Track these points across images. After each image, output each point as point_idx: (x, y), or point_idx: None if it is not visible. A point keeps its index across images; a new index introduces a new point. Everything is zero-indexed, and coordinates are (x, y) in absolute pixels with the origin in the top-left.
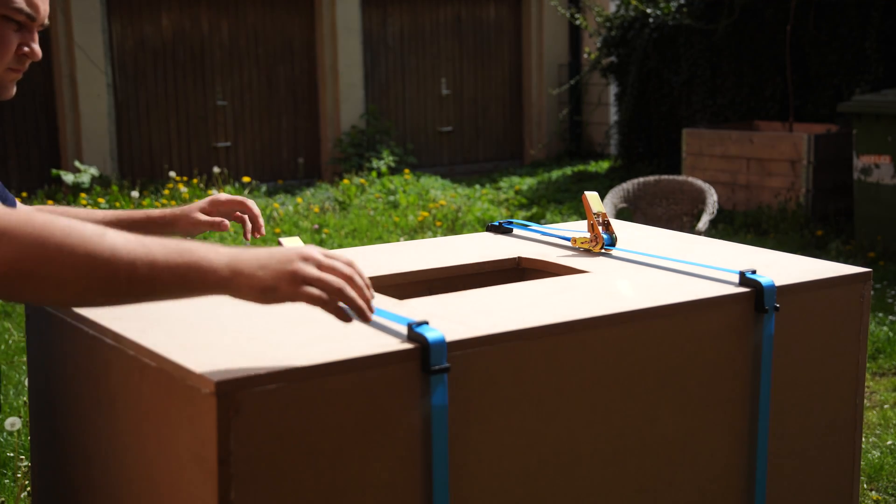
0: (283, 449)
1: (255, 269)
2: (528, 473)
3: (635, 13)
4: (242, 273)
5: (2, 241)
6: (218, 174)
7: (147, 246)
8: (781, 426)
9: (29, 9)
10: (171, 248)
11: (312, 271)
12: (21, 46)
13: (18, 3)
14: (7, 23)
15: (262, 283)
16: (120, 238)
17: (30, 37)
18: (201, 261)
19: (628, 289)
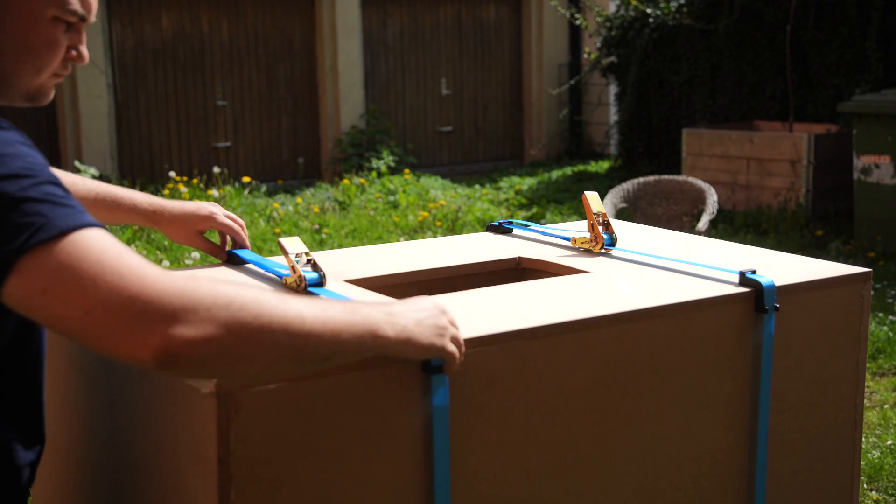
0: (283, 449)
1: (417, 329)
2: (528, 473)
3: (635, 13)
4: (410, 340)
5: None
6: (218, 174)
7: (327, 313)
8: (781, 426)
9: (83, 9)
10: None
11: (453, 329)
12: (69, 49)
13: (73, 5)
14: (58, 24)
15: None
16: (307, 310)
17: (78, 38)
18: (376, 329)
19: (629, 288)
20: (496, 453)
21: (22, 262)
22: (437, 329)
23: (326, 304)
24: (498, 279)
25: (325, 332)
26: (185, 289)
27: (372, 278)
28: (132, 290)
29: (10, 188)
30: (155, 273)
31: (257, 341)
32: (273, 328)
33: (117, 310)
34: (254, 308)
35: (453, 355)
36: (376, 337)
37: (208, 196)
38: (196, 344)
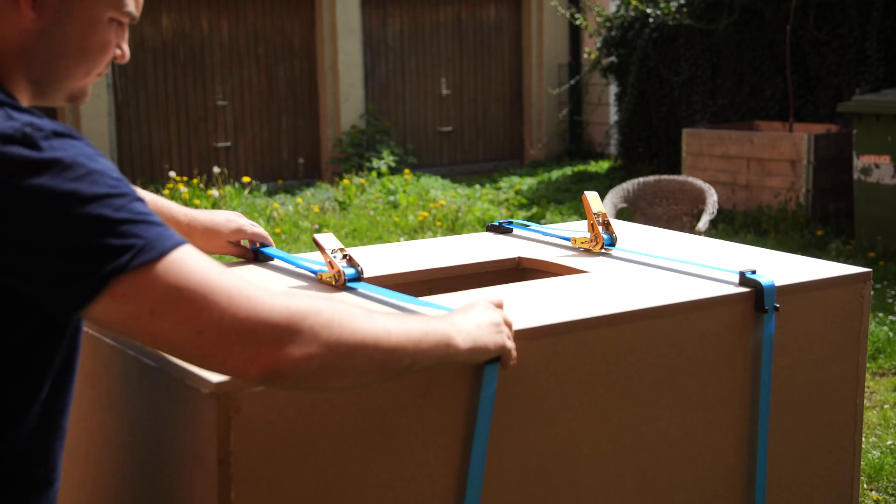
0: (283, 449)
1: (481, 333)
2: (528, 473)
3: (635, 13)
4: (477, 347)
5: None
6: (218, 174)
7: (408, 326)
8: (781, 426)
9: (136, 10)
10: (426, 329)
11: (505, 328)
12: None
13: (129, 7)
14: (111, 25)
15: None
16: (392, 323)
17: (123, 36)
18: (448, 339)
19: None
20: (495, 453)
21: (121, 283)
22: (494, 327)
23: (405, 317)
24: (498, 279)
25: (408, 345)
26: (289, 308)
27: (372, 278)
28: (242, 312)
29: (106, 210)
30: (258, 292)
31: (353, 357)
32: (367, 344)
33: (228, 330)
34: (349, 325)
35: (509, 352)
36: (449, 346)
37: (208, 196)
38: (301, 362)
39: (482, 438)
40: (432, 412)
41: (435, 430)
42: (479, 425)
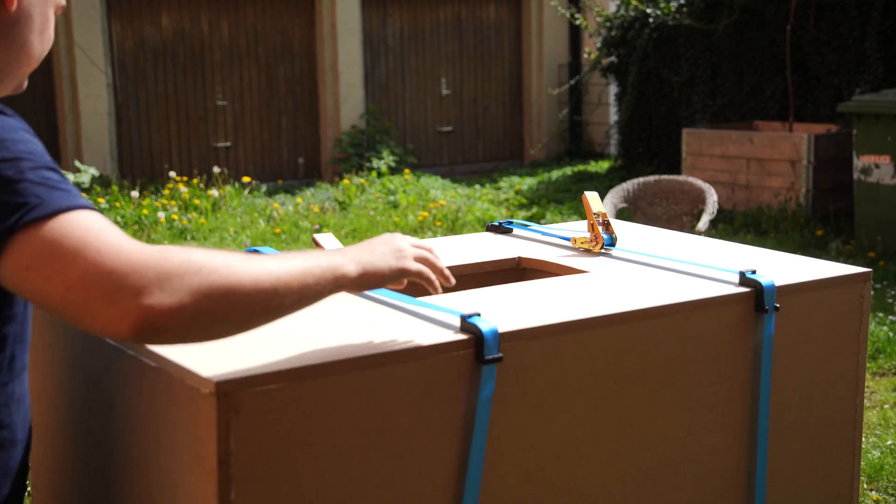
0: (283, 449)
1: (371, 257)
2: (528, 473)
3: (635, 13)
4: (369, 270)
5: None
6: (218, 174)
7: (293, 265)
8: (781, 426)
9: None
10: (309, 262)
11: (413, 249)
12: None
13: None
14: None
15: (385, 270)
16: (271, 263)
17: None
18: (337, 268)
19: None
20: (495, 453)
21: (13, 240)
22: (394, 252)
23: (286, 256)
24: (498, 279)
25: (291, 280)
26: (158, 259)
27: None
28: (108, 265)
29: (9, 171)
30: (131, 247)
31: (230, 300)
32: (244, 285)
33: (94, 285)
34: (222, 270)
35: (420, 272)
36: (338, 275)
37: (208, 196)
38: (173, 312)
39: (481, 438)
40: (432, 412)
41: (435, 430)
42: (477, 425)
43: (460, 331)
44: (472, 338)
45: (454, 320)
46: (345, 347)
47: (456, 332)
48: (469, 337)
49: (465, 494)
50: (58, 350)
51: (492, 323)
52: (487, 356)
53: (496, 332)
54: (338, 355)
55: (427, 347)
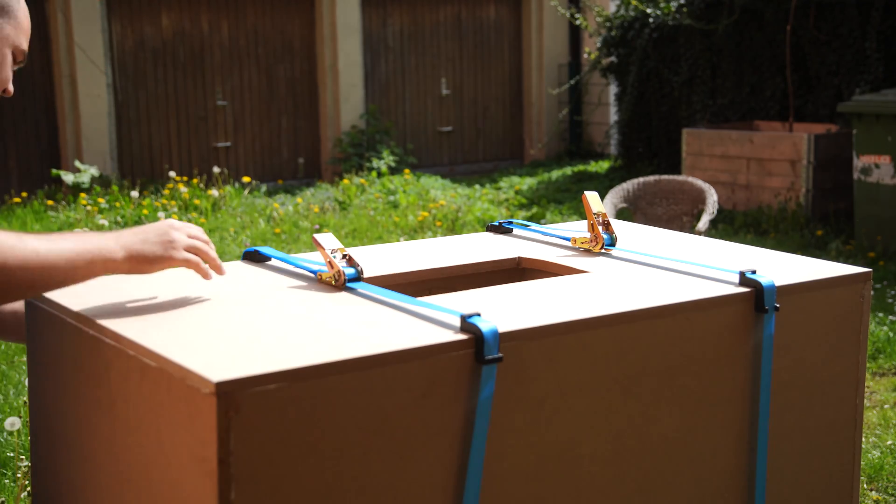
0: (283, 449)
1: (142, 246)
2: (528, 473)
3: (635, 13)
4: (133, 254)
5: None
6: (218, 174)
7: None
8: (781, 426)
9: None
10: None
11: (185, 238)
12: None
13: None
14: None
15: (153, 256)
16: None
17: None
18: (105, 253)
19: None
20: (495, 453)
21: None
22: (165, 244)
23: (59, 237)
24: (498, 279)
25: (58, 262)
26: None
27: (372, 278)
28: None
29: None
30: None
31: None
32: (9, 265)
33: None
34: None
35: (187, 261)
36: (106, 260)
37: (208, 196)
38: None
39: (481, 438)
40: (432, 412)
41: (435, 430)
42: (477, 426)
43: (460, 331)
44: (473, 338)
45: (454, 320)
46: (345, 347)
47: (456, 332)
48: (469, 337)
49: (466, 494)
50: (58, 350)
51: (492, 323)
52: (488, 356)
53: (496, 331)
54: (338, 355)
55: (427, 348)
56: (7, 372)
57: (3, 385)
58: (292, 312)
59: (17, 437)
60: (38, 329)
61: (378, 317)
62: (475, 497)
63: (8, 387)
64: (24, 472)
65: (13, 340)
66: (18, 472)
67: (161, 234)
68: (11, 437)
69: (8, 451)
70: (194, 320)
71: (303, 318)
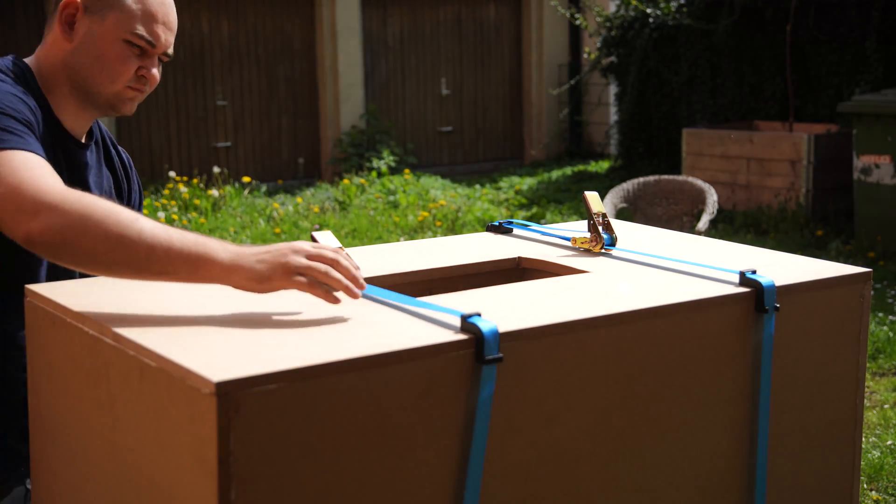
0: (283, 449)
1: (254, 263)
2: (528, 473)
3: (635, 13)
4: (243, 266)
5: (53, 213)
6: (218, 174)
7: (169, 234)
8: (781, 426)
9: (149, 36)
10: (189, 239)
11: (301, 261)
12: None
13: (139, 30)
14: (129, 46)
15: (261, 275)
16: (148, 224)
17: (150, 62)
18: (210, 252)
19: (629, 288)
20: (495, 453)
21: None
22: (277, 266)
23: (175, 230)
24: (498, 279)
25: (156, 248)
26: (60, 192)
27: (372, 278)
28: (20, 189)
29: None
30: (44, 179)
31: (93, 239)
32: (109, 233)
33: (9, 205)
34: (100, 215)
35: (300, 285)
36: (209, 262)
37: (208, 196)
38: (45, 233)
39: (481, 438)
40: (432, 412)
41: (435, 430)
42: (477, 425)
43: (460, 331)
44: (473, 338)
45: (454, 320)
46: (345, 347)
47: (456, 332)
48: (469, 337)
49: (466, 495)
50: (58, 350)
51: (492, 323)
52: (488, 356)
53: (496, 331)
54: (338, 355)
55: (427, 348)
56: None
57: None
58: (292, 312)
59: None
60: (38, 329)
61: (378, 317)
62: (475, 497)
63: None
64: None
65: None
66: None
67: (277, 255)
68: None
69: None
70: (194, 320)
71: (303, 318)
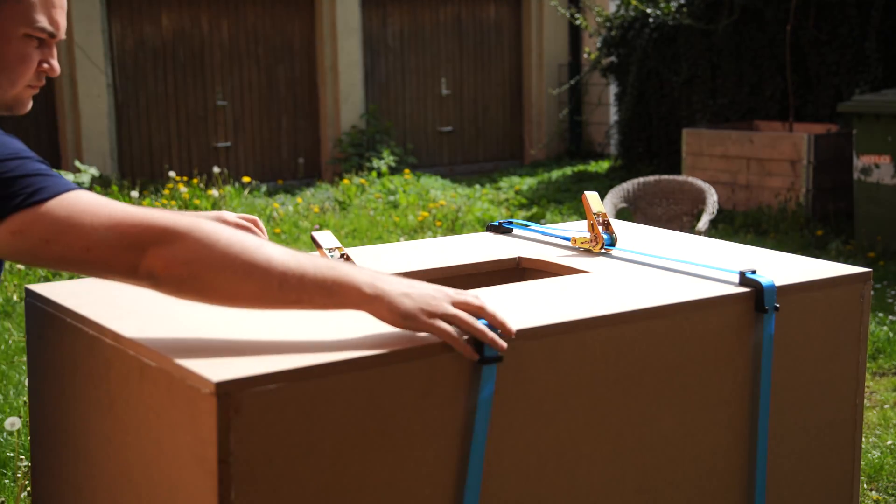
0: (283, 449)
1: (399, 296)
2: (528, 473)
3: (635, 13)
4: (385, 297)
5: (176, 243)
6: (218, 174)
7: (299, 260)
8: (781, 426)
9: (51, 26)
10: (321, 264)
11: (447, 307)
12: (41, 63)
13: (41, 23)
14: (29, 41)
15: (405, 310)
16: (276, 251)
17: (49, 53)
18: (347, 278)
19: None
20: (495, 453)
21: (17, 218)
22: (426, 307)
23: (305, 256)
24: (498, 279)
25: (288, 275)
26: (170, 219)
27: None
28: (124, 225)
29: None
30: (141, 209)
31: (220, 271)
32: (236, 264)
33: (113, 243)
34: (224, 242)
35: (440, 330)
36: (347, 289)
37: (208, 196)
38: (171, 265)
39: (481, 439)
40: (432, 412)
41: (435, 430)
42: (477, 426)
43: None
44: (471, 338)
45: None
46: (345, 347)
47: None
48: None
49: (466, 494)
50: (58, 350)
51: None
52: (488, 356)
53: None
54: (338, 355)
55: (427, 347)
56: (7, 372)
57: (3, 385)
58: (292, 312)
59: (17, 437)
60: (38, 329)
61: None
62: (475, 497)
63: (8, 387)
64: (24, 472)
65: None
66: (18, 472)
67: (424, 295)
68: (11, 437)
69: (8, 451)
70: (194, 320)
71: (303, 318)
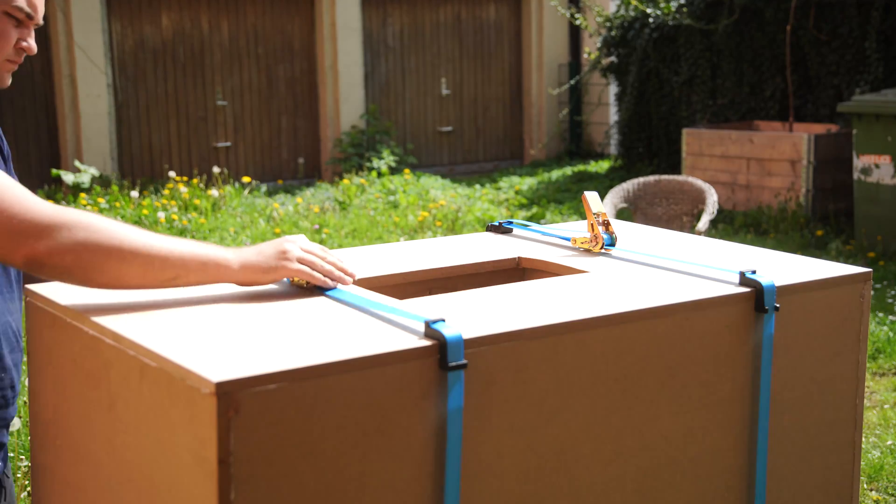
0: (283, 449)
1: (257, 256)
2: (528, 473)
3: (635, 13)
4: (249, 261)
5: (63, 233)
6: (218, 174)
7: (174, 242)
8: (781, 426)
9: (28, 8)
10: (191, 244)
11: (298, 251)
12: (19, 41)
13: (19, 3)
14: (8, 19)
15: (266, 266)
16: (154, 236)
17: (27, 33)
18: (216, 253)
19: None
20: (495, 453)
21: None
22: (278, 255)
23: (172, 238)
24: (498, 279)
25: (170, 256)
26: (55, 211)
27: (372, 278)
28: (11, 211)
29: None
30: (33, 199)
31: (108, 258)
32: (122, 248)
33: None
34: (107, 231)
35: (299, 272)
36: (220, 265)
37: (208, 196)
38: (55, 255)
39: (455, 441)
40: (432, 412)
41: (435, 431)
42: (450, 432)
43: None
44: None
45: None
46: (345, 347)
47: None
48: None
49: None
50: (58, 350)
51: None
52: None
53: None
54: (338, 355)
55: (427, 348)
56: None
57: None
58: (292, 313)
59: (17, 437)
60: (38, 329)
61: (378, 317)
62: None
63: None
64: (24, 472)
65: None
66: (18, 472)
67: (275, 246)
68: (11, 437)
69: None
70: (194, 320)
71: (302, 319)
